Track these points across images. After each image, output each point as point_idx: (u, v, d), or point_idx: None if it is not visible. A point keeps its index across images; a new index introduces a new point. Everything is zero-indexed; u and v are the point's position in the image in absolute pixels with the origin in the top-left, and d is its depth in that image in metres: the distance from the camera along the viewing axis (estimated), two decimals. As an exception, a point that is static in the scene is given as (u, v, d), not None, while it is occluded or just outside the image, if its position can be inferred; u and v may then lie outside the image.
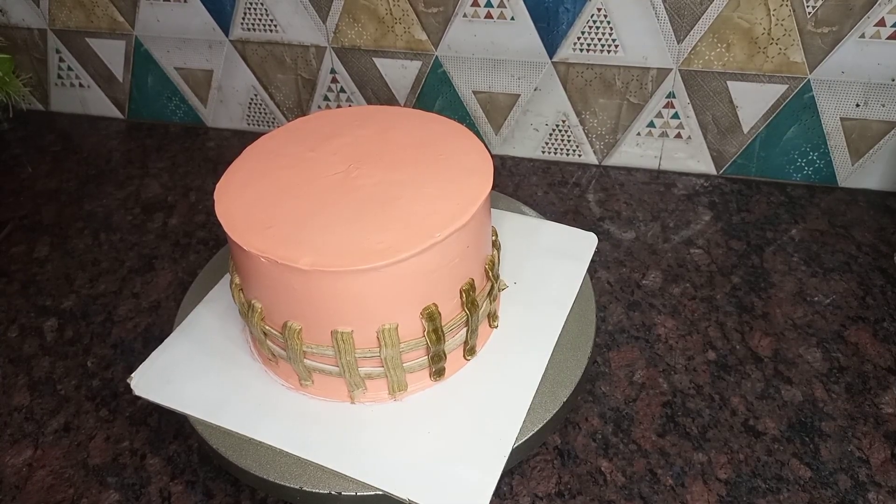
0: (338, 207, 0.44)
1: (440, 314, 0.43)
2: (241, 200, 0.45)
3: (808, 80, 0.64)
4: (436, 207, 0.43)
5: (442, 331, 0.44)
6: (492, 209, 0.51)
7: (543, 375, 0.47)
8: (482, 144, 0.48)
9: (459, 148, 0.48)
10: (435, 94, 0.75)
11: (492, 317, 0.49)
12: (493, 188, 0.46)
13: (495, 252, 0.49)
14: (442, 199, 0.44)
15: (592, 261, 0.56)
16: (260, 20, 0.74)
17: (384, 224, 0.42)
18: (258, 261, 0.41)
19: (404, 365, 0.45)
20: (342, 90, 0.77)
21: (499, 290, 0.51)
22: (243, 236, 0.42)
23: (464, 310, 0.45)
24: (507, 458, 0.42)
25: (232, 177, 0.47)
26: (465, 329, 0.46)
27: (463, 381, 0.47)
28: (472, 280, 0.45)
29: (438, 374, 0.46)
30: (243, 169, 0.48)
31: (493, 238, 0.49)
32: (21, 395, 0.54)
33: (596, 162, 0.75)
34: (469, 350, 0.47)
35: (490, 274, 0.47)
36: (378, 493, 0.41)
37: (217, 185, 0.46)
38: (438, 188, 0.45)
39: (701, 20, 0.63)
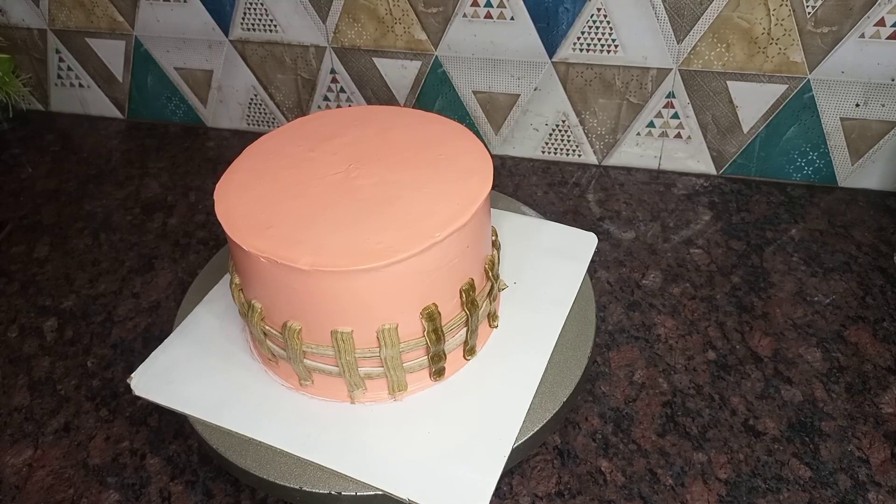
0: (338, 207, 0.44)
1: (440, 314, 0.43)
2: (241, 200, 0.45)
3: (808, 79, 0.64)
4: (435, 207, 0.43)
5: (442, 331, 0.44)
6: (491, 209, 0.51)
7: (543, 375, 0.47)
8: (482, 144, 0.48)
9: (459, 148, 0.48)
10: (435, 94, 0.75)
11: (492, 317, 0.49)
12: (493, 188, 0.46)
13: (495, 252, 0.49)
14: (441, 199, 0.44)
15: (592, 261, 0.56)
16: (260, 20, 0.74)
17: (384, 224, 0.42)
18: (258, 261, 0.41)
19: (404, 365, 0.45)
20: (342, 90, 0.77)
21: (499, 290, 0.51)
22: (243, 236, 0.42)
23: (464, 309, 0.45)
24: (506, 458, 0.42)
25: (232, 177, 0.47)
26: (464, 329, 0.46)
27: (463, 381, 0.47)
28: (472, 280, 0.45)
29: (438, 373, 0.46)
30: (243, 169, 0.48)
31: (493, 238, 0.49)
32: (21, 395, 0.54)
33: (596, 162, 0.75)
34: (469, 350, 0.47)
35: (490, 274, 0.47)
36: (378, 493, 0.41)
37: (217, 186, 0.46)
38: (438, 188, 0.45)
39: (701, 20, 0.63)
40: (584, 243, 0.57)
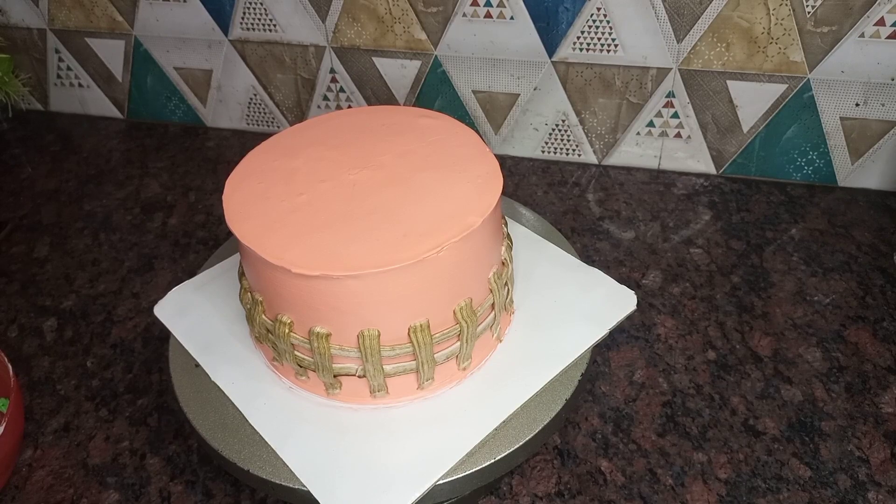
0: (362, 212, 0.43)
1: (473, 305, 0.44)
2: (257, 217, 0.43)
3: (808, 79, 0.64)
4: (458, 200, 0.43)
5: (475, 320, 0.44)
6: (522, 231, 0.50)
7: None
8: (482, 140, 0.48)
9: (463, 144, 0.48)
10: (434, 93, 0.75)
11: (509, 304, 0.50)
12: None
13: (506, 239, 0.49)
14: (457, 191, 0.44)
15: (592, 260, 0.56)
16: (259, 20, 0.74)
17: (414, 221, 0.42)
18: (296, 277, 0.40)
19: (435, 356, 0.44)
20: (342, 90, 0.77)
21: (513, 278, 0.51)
22: (276, 253, 0.41)
23: (491, 293, 0.45)
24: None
25: (237, 190, 0.46)
26: (491, 313, 0.46)
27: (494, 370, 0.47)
28: (498, 266, 0.46)
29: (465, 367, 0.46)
30: (248, 179, 0.47)
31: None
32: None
33: (596, 161, 0.75)
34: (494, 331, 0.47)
35: (506, 259, 0.48)
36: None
37: (225, 204, 0.45)
38: (453, 181, 0.45)
39: (700, 19, 0.63)
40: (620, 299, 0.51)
